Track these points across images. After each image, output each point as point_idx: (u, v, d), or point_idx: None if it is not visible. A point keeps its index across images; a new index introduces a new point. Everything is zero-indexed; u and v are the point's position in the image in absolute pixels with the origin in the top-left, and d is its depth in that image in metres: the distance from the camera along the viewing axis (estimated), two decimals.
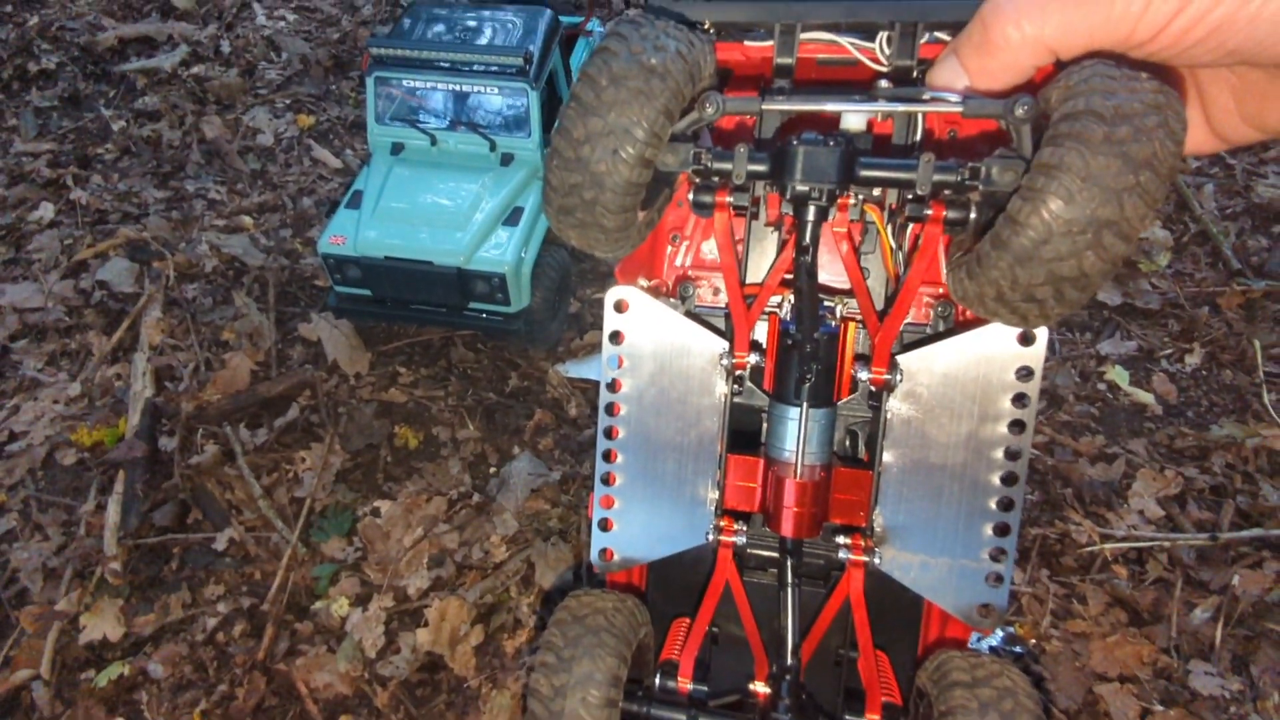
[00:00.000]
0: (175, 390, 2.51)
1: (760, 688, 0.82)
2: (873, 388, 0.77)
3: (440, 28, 2.45)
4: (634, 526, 0.81)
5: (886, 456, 0.76)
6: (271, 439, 2.40)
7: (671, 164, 0.65)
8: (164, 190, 3.21)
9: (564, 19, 2.61)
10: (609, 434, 0.80)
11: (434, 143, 2.41)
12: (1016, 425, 0.74)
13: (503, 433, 2.41)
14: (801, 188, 0.64)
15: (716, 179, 0.69)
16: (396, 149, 2.44)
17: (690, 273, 0.87)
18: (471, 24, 2.47)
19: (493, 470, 2.33)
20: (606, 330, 0.79)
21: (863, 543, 0.77)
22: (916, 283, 0.72)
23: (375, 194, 2.35)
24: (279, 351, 2.63)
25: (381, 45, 2.36)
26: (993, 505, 0.75)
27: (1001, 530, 0.75)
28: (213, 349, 2.65)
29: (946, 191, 0.64)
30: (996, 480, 0.74)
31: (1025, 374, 0.73)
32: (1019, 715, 0.68)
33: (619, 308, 0.78)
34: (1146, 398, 2.26)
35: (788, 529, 0.76)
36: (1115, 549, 1.93)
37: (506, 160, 2.38)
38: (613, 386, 0.80)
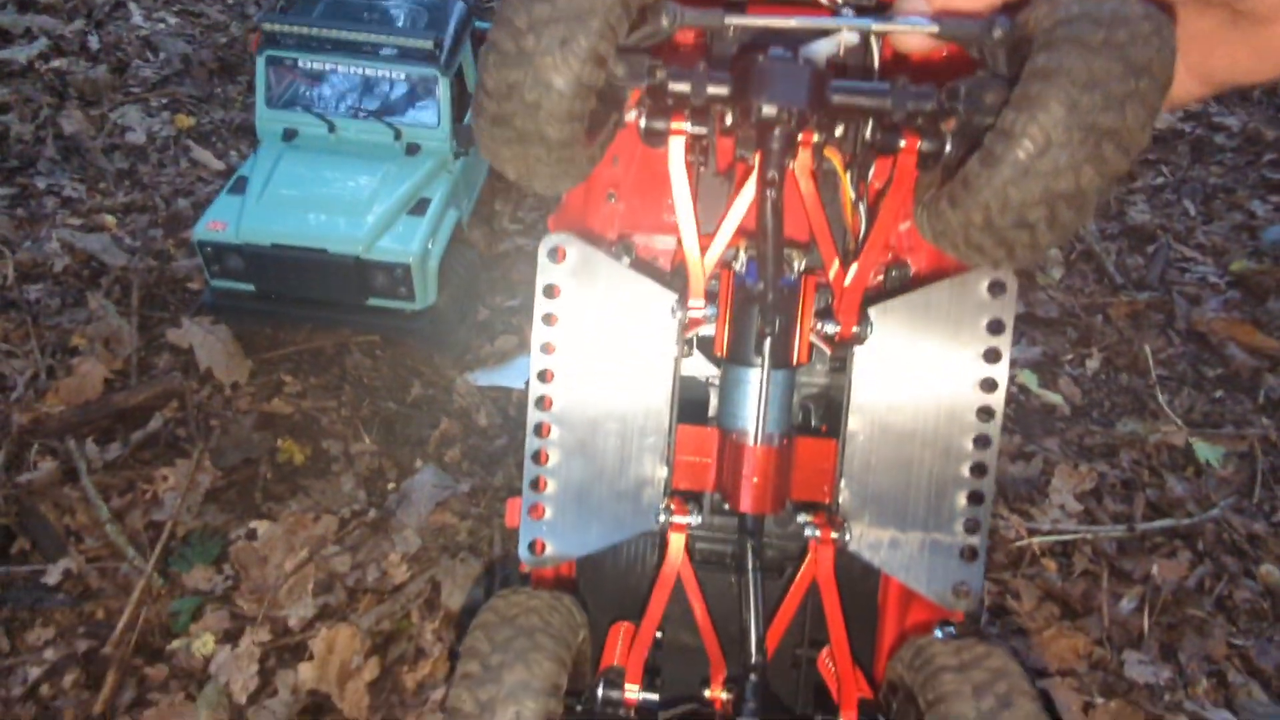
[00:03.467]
0: (6, 400, 2.14)
1: (719, 694, 0.73)
2: (839, 341, 0.71)
3: (340, 8, 2.29)
4: (570, 513, 0.72)
5: (852, 423, 0.71)
6: (126, 455, 2.07)
7: (622, 76, 0.58)
8: (8, 187, 2.84)
9: (475, 22, 2.52)
10: (540, 404, 0.72)
11: (332, 129, 2.22)
12: (988, 384, 0.70)
13: (403, 445, 2.18)
14: (769, 109, 0.58)
15: (671, 101, 0.63)
16: (289, 135, 2.23)
17: (627, 233, 0.81)
18: (375, 8, 2.33)
19: (391, 486, 2.09)
20: (540, 283, 0.71)
21: (829, 519, 0.71)
22: (890, 220, 0.67)
23: (263, 180, 2.12)
24: (141, 360, 2.31)
25: (275, 21, 2.17)
26: (965, 472, 0.71)
27: (975, 498, 0.71)
28: (58, 356, 2.29)
29: (919, 121, 0.61)
30: (969, 445, 0.71)
31: (996, 328, 0.69)
32: (1016, 698, 0.62)
33: (555, 256, 0.71)
34: (1055, 399, 2.33)
35: (748, 504, 0.69)
36: (1043, 543, 1.92)
37: (412, 150, 2.22)
38: (545, 348, 0.72)
